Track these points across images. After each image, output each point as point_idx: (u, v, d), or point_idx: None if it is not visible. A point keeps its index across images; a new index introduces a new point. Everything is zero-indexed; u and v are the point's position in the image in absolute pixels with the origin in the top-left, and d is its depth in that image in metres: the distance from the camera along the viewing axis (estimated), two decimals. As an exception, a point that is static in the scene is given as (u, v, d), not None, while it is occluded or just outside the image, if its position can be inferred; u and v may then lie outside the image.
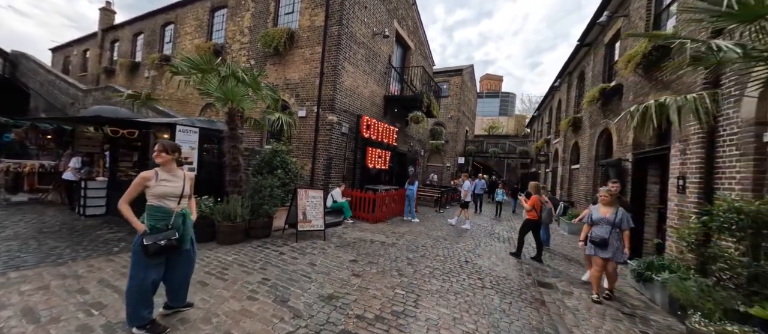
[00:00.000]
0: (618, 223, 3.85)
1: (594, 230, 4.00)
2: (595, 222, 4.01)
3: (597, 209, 4.09)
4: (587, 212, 4.45)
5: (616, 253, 3.81)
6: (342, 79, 8.53)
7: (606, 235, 3.84)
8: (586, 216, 4.21)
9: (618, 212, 3.91)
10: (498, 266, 5.20)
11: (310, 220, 5.53)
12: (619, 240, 3.85)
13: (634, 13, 6.56)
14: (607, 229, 3.88)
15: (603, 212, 3.99)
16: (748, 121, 3.44)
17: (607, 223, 3.89)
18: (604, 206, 4.05)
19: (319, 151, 8.49)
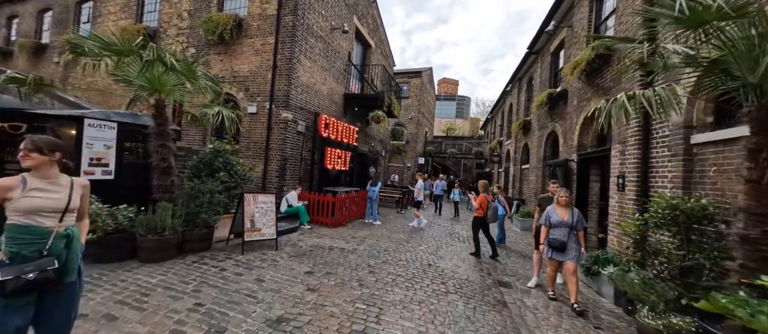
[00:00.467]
0: (575, 225, 3.82)
1: (553, 233, 3.89)
2: (553, 225, 3.91)
3: (554, 211, 3.96)
4: (540, 214, 4.47)
5: (575, 254, 3.77)
6: (298, 74, 7.92)
7: (564, 238, 3.77)
8: (543, 218, 4.06)
9: (574, 214, 3.88)
10: (460, 267, 5.15)
11: (259, 228, 4.92)
12: (577, 241, 3.82)
13: (577, 24, 7.08)
14: (565, 232, 3.81)
15: (561, 215, 3.89)
16: (678, 125, 3.77)
17: (565, 226, 3.82)
18: (561, 207, 3.96)
19: (272, 151, 7.77)
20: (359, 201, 9.16)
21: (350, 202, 8.52)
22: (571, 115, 6.96)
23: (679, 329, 2.58)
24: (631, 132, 4.57)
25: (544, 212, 4.09)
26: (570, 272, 3.71)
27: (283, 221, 6.85)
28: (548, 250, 3.89)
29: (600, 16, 6.36)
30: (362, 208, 9.24)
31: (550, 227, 3.95)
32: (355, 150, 10.60)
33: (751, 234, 2.27)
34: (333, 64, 9.69)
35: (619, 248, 4.71)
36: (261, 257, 4.59)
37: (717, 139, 3.31)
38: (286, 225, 6.51)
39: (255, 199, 4.96)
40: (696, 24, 2.21)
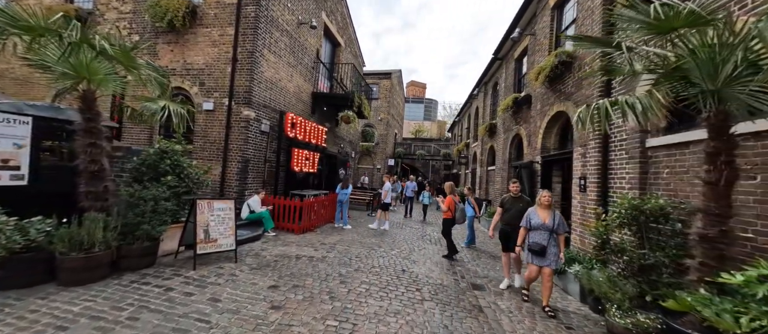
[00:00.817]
0: (556, 228, 3.61)
1: (532, 237, 3.67)
2: (533, 227, 3.67)
3: (535, 213, 3.72)
4: (502, 215, 4.48)
5: (553, 260, 3.59)
6: (261, 69, 7.35)
7: (544, 242, 3.58)
8: (524, 220, 3.83)
9: (556, 217, 3.64)
10: (434, 271, 5.05)
11: (214, 238, 4.37)
12: (556, 246, 3.64)
13: (539, 32, 7.43)
14: (545, 235, 3.60)
15: (542, 217, 3.66)
16: (635, 129, 4.01)
17: (546, 229, 3.61)
18: (543, 209, 3.71)
19: (231, 152, 7.11)
20: (329, 205, 8.76)
21: (319, 206, 8.09)
22: (535, 118, 7.27)
23: (647, 327, 2.67)
24: (592, 136, 4.81)
25: (525, 215, 3.85)
26: (546, 276, 3.62)
27: (244, 228, 6.27)
28: (528, 254, 3.71)
29: (560, 25, 6.71)
30: (332, 212, 8.86)
31: (529, 230, 3.73)
32: (323, 151, 10.17)
33: (709, 234, 2.38)
34: (300, 61, 9.20)
35: (582, 246, 4.94)
36: (217, 272, 4.06)
37: (669, 142, 3.55)
38: (247, 233, 5.94)
39: (210, 206, 4.40)
40: (665, 30, 2.28)
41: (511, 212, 4.50)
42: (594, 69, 4.28)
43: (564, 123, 6.34)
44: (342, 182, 8.47)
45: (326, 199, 8.61)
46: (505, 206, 4.64)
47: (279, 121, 7.94)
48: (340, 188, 8.36)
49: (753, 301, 1.94)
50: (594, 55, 4.89)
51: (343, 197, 8.21)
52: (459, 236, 8.29)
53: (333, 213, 8.76)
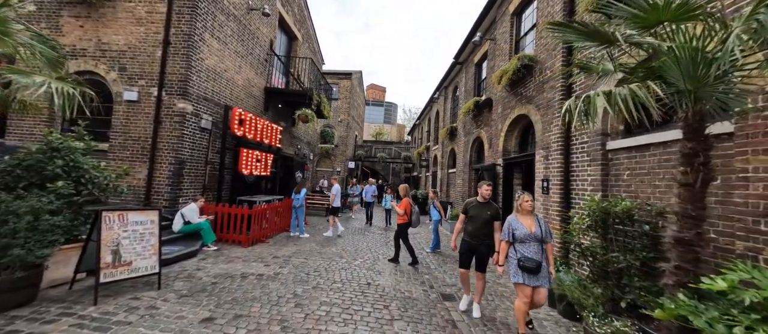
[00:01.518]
0: (545, 236, 2.99)
1: (521, 251, 2.97)
2: (519, 239, 2.99)
3: (517, 221, 3.06)
4: (465, 223, 3.69)
5: (547, 277, 2.98)
6: (201, 56, 6.31)
7: (538, 256, 2.93)
8: (505, 232, 3.11)
9: (541, 223, 3.05)
10: (401, 282, 4.65)
11: (128, 261, 3.42)
12: (546, 259, 3.01)
13: (500, 37, 7.59)
14: (537, 248, 2.96)
15: (527, 225, 3.01)
16: (596, 132, 4.08)
17: (535, 239, 2.96)
18: (524, 216, 3.08)
19: (161, 151, 5.95)
20: (283, 211, 7.91)
21: (272, 213, 7.23)
22: (497, 121, 7.36)
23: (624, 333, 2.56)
24: (554, 138, 4.87)
25: (505, 225, 3.12)
26: (541, 299, 2.95)
27: (175, 243, 5.22)
28: (519, 274, 2.92)
29: (520, 31, 6.89)
30: (287, 219, 8.02)
31: (513, 242, 3.04)
32: (278, 152, 9.25)
33: (686, 236, 2.32)
34: (250, 52, 8.22)
35: (546, 248, 4.96)
36: (129, 306, 3.14)
37: (630, 145, 3.63)
38: (179, 250, 4.93)
39: (122, 219, 3.44)
40: (652, 23, 2.17)
41: (476, 221, 3.58)
42: (565, 68, 4.23)
43: (525, 126, 6.47)
44: (296, 186, 7.71)
45: (280, 205, 7.75)
46: (468, 213, 3.67)
47: (224, 117, 6.92)
48: (294, 193, 7.59)
49: (741, 308, 1.85)
50: (555, 59, 4.98)
51: (296, 203, 7.45)
52: (423, 240, 8.07)
53: (288, 221, 7.93)
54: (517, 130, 6.68)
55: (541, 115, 5.35)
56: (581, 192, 4.32)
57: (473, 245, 3.64)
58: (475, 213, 3.63)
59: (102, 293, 3.26)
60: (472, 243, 3.64)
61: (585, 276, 3.51)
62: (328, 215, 8.18)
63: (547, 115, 5.17)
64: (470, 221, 3.67)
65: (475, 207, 3.67)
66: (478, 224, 3.59)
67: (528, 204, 3.10)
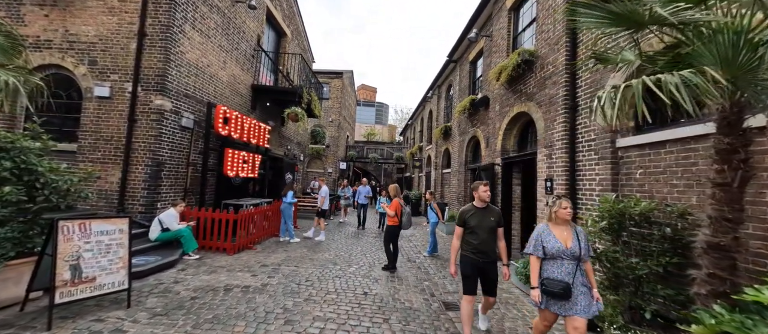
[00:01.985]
0: (583, 254, 2.37)
1: (548, 270, 2.39)
2: (550, 255, 2.38)
3: (549, 232, 2.45)
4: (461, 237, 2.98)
5: (586, 304, 2.30)
6: (181, 49, 5.85)
7: (569, 278, 2.30)
8: (531, 245, 2.51)
9: (580, 236, 2.43)
10: (400, 291, 4.34)
11: (91, 277, 2.98)
12: (587, 282, 2.36)
13: (496, 34, 7.39)
14: (570, 267, 2.33)
15: (562, 239, 2.38)
16: (604, 129, 3.88)
17: (570, 257, 2.33)
18: (559, 226, 2.45)
19: (137, 152, 5.46)
20: (272, 215, 7.49)
21: (260, 217, 6.80)
22: (494, 120, 7.15)
23: (652, 349, 2.32)
24: (558, 136, 4.66)
25: (534, 237, 2.52)
26: (579, 330, 2.26)
27: (152, 253, 4.77)
28: (542, 298, 2.38)
29: (517, 27, 6.70)
30: (276, 223, 7.60)
31: (543, 259, 2.45)
32: (266, 153, 8.80)
33: (721, 241, 2.09)
34: (236, 47, 7.77)
35: (550, 250, 4.74)
36: (91, 330, 2.72)
37: (643, 142, 3.42)
38: (154, 260, 4.48)
39: (84, 228, 3.00)
40: (696, 1, 1.92)
41: (479, 232, 2.87)
42: (580, 60, 3.90)
43: (524, 124, 6.28)
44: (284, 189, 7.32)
45: (269, 208, 7.33)
46: (468, 223, 2.93)
47: (207, 116, 6.46)
48: (282, 196, 7.20)
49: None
50: (557, 53, 4.78)
51: (284, 207, 7.06)
52: (420, 243, 7.79)
53: (278, 225, 7.51)
54: (516, 128, 6.47)
55: (543, 112, 5.14)
56: (588, 192, 4.11)
57: (480, 263, 2.87)
58: (477, 222, 2.90)
59: (59, 315, 2.83)
60: (479, 261, 2.87)
61: (597, 282, 3.28)
62: (315, 217, 7.80)
63: (549, 112, 4.96)
64: (471, 233, 2.92)
65: (476, 215, 2.94)
66: (484, 234, 2.87)
67: (566, 212, 2.42)
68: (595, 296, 2.36)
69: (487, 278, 2.96)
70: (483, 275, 2.94)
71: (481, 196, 2.98)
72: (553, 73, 4.88)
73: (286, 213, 7.05)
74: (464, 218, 2.99)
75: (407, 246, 7.40)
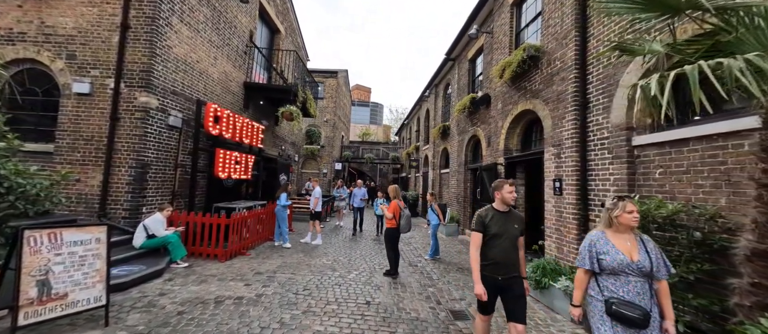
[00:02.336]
0: (656, 269, 1.84)
1: (613, 289, 1.84)
2: (609, 270, 1.86)
3: (606, 241, 1.92)
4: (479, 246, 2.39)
5: None
6: (167, 43, 5.50)
7: (645, 302, 1.79)
8: (583, 256, 1.97)
9: (648, 247, 1.89)
10: (404, 299, 4.09)
11: (62, 293, 2.66)
12: (656, 305, 1.83)
13: (498, 30, 7.20)
14: (641, 286, 1.81)
15: (625, 250, 1.86)
16: (620, 126, 3.69)
17: (639, 272, 1.81)
18: (621, 234, 1.92)
19: (120, 153, 5.10)
20: (266, 218, 7.17)
21: (254, 221, 6.48)
22: (496, 118, 6.96)
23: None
24: (568, 134, 4.47)
25: (586, 246, 1.97)
26: None
27: (136, 262, 4.42)
28: (606, 323, 1.82)
29: (520, 23, 6.52)
30: (271, 226, 7.27)
31: (598, 273, 1.91)
32: (260, 153, 8.46)
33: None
34: (227, 42, 7.42)
35: (560, 254, 4.55)
36: (60, 354, 2.40)
37: (662, 140, 3.24)
38: (138, 270, 4.14)
39: (55, 239, 2.67)
40: None
41: (501, 241, 2.36)
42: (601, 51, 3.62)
43: (529, 122, 6.09)
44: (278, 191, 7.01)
45: (263, 211, 7.00)
46: (489, 230, 2.38)
47: (197, 114, 6.10)
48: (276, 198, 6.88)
49: None
50: (566, 48, 4.59)
51: (277, 210, 6.75)
52: (421, 246, 7.56)
53: (273, 228, 7.19)
54: (519, 127, 6.28)
55: (551, 109, 4.95)
56: (602, 193, 3.92)
57: (500, 280, 2.32)
58: (500, 229, 2.36)
59: (24, 338, 2.49)
60: (498, 278, 2.32)
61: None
62: (310, 220, 7.49)
63: (557, 109, 4.77)
64: (492, 242, 2.36)
65: (497, 220, 2.40)
66: (506, 244, 2.35)
67: (633, 217, 1.89)
68: (670, 327, 1.81)
69: (511, 297, 2.36)
70: (504, 293, 2.39)
71: (506, 198, 2.44)
72: (561, 68, 4.69)
73: (281, 216, 6.73)
74: (484, 223, 2.41)
75: (407, 249, 7.15)
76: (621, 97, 3.67)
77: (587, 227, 4.11)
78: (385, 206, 5.51)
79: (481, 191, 7.40)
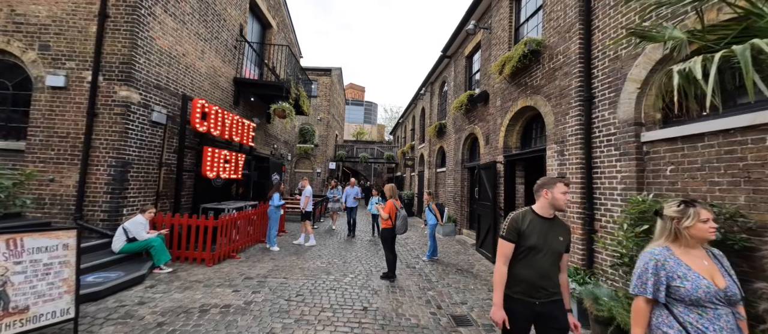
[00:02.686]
0: (733, 295, 1.40)
1: (699, 323, 1.38)
2: (689, 300, 1.40)
3: (678, 260, 1.46)
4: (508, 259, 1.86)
5: None
6: (150, 34, 5.17)
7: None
8: (646, 279, 1.48)
9: (724, 266, 1.50)
10: (403, 304, 3.88)
11: (23, 306, 2.36)
12: None
13: (496, 25, 7.04)
14: (727, 319, 1.38)
15: (705, 272, 1.43)
16: (627, 122, 3.54)
17: (726, 302, 1.39)
18: (691, 250, 1.49)
19: (98, 151, 4.77)
20: (258, 219, 6.88)
21: (244, 222, 6.19)
22: (495, 116, 6.80)
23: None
24: (571, 131, 4.32)
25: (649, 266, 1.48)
26: None
27: (115, 268, 4.12)
28: None
29: (519, 17, 6.37)
30: (263, 228, 6.99)
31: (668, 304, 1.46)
32: (251, 152, 8.16)
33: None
34: (216, 35, 7.10)
35: (563, 254, 4.39)
36: (17, 376, 2.12)
37: (674, 136, 3.09)
38: (116, 277, 3.83)
39: (14, 245, 2.38)
40: None
41: (541, 255, 1.83)
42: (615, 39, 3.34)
43: (529, 119, 5.93)
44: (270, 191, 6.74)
45: (254, 212, 6.71)
46: (526, 241, 1.85)
47: (183, 110, 5.78)
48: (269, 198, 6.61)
49: None
50: (569, 41, 4.43)
51: (269, 211, 6.48)
52: (418, 247, 7.36)
53: (265, 230, 6.90)
54: (519, 124, 6.13)
55: (553, 105, 4.79)
56: (609, 192, 3.77)
57: (538, 305, 1.80)
58: (539, 240, 1.82)
59: (-23, 359, 2.20)
60: (536, 302, 1.80)
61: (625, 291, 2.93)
62: (303, 220, 7.23)
63: (560, 105, 4.62)
64: (527, 256, 1.83)
65: (538, 227, 1.85)
66: (546, 260, 1.82)
67: (709, 228, 1.46)
68: None
69: (550, 329, 1.81)
70: (542, 323, 1.82)
71: (557, 200, 1.85)
72: (565, 63, 4.53)
73: (272, 218, 6.45)
74: (520, 230, 1.84)
75: (404, 250, 6.95)
76: (629, 91, 3.52)
77: (593, 226, 3.97)
78: (380, 205, 5.29)
79: (479, 190, 7.24)
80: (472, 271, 5.48)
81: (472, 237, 7.98)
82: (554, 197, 1.87)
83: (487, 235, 6.42)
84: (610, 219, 3.75)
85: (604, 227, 3.83)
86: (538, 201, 1.97)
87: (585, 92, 4.15)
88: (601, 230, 3.85)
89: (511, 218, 1.94)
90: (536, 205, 1.97)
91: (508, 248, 1.87)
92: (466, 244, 7.90)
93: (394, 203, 4.90)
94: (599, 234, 3.88)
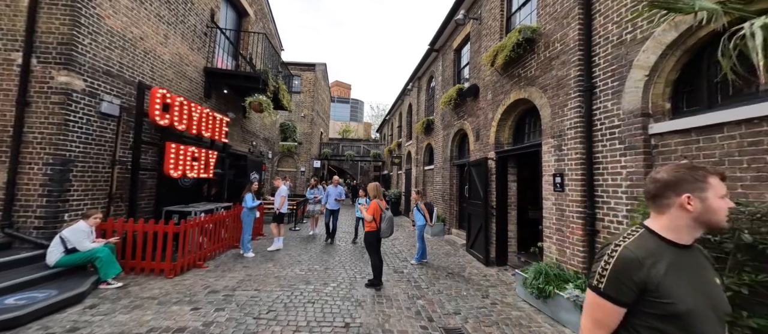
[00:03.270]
0: None
1: None
2: None
3: None
4: None
5: None
6: (98, 12, 4.47)
7: None
8: None
9: None
10: (390, 317, 3.45)
11: None
12: None
13: (487, 15, 6.71)
14: None
15: None
16: (633, 113, 3.25)
17: None
18: None
19: (31, 146, 4.05)
20: (232, 222, 6.26)
21: (216, 226, 5.57)
22: (486, 110, 6.47)
23: None
24: (570, 124, 4.01)
25: None
26: None
27: (46, 285, 3.47)
28: None
29: (511, 6, 6.05)
30: (238, 232, 6.38)
31: None
32: (224, 149, 7.48)
33: None
34: (182, 20, 6.39)
35: (562, 257, 4.09)
36: None
37: (687, 127, 2.81)
38: (45, 296, 3.19)
39: None
40: None
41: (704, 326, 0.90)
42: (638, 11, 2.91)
43: (522, 113, 5.63)
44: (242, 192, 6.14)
45: (227, 215, 6.09)
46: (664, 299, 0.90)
47: (138, 100, 5.09)
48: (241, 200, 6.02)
49: None
50: (568, 28, 4.12)
51: (243, 214, 5.90)
52: (405, 249, 6.95)
53: (239, 234, 6.29)
54: (511, 118, 5.82)
55: (549, 97, 4.49)
56: (613, 189, 3.48)
57: None
58: (696, 295, 0.92)
59: None
60: None
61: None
62: (272, 222, 6.55)
63: (557, 96, 4.31)
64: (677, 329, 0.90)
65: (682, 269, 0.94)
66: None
67: None
68: None
69: None
70: None
71: (715, 214, 0.96)
72: (562, 51, 4.22)
73: (246, 221, 5.86)
74: (649, 283, 0.92)
75: (390, 253, 6.53)
76: (636, 79, 3.22)
77: (594, 226, 3.67)
78: (364, 206, 4.83)
79: (469, 189, 6.91)
80: (463, 275, 5.12)
81: (462, 237, 7.66)
82: (708, 207, 0.96)
83: (478, 235, 6.09)
84: (613, 219, 3.46)
85: (606, 228, 3.54)
86: (663, 214, 1.02)
87: (585, 82, 3.85)
88: (604, 231, 3.57)
89: (621, 259, 0.95)
90: (660, 223, 1.02)
91: (611, 316, 0.95)
92: (456, 244, 7.58)
93: (378, 203, 4.45)
94: (602, 235, 3.59)
